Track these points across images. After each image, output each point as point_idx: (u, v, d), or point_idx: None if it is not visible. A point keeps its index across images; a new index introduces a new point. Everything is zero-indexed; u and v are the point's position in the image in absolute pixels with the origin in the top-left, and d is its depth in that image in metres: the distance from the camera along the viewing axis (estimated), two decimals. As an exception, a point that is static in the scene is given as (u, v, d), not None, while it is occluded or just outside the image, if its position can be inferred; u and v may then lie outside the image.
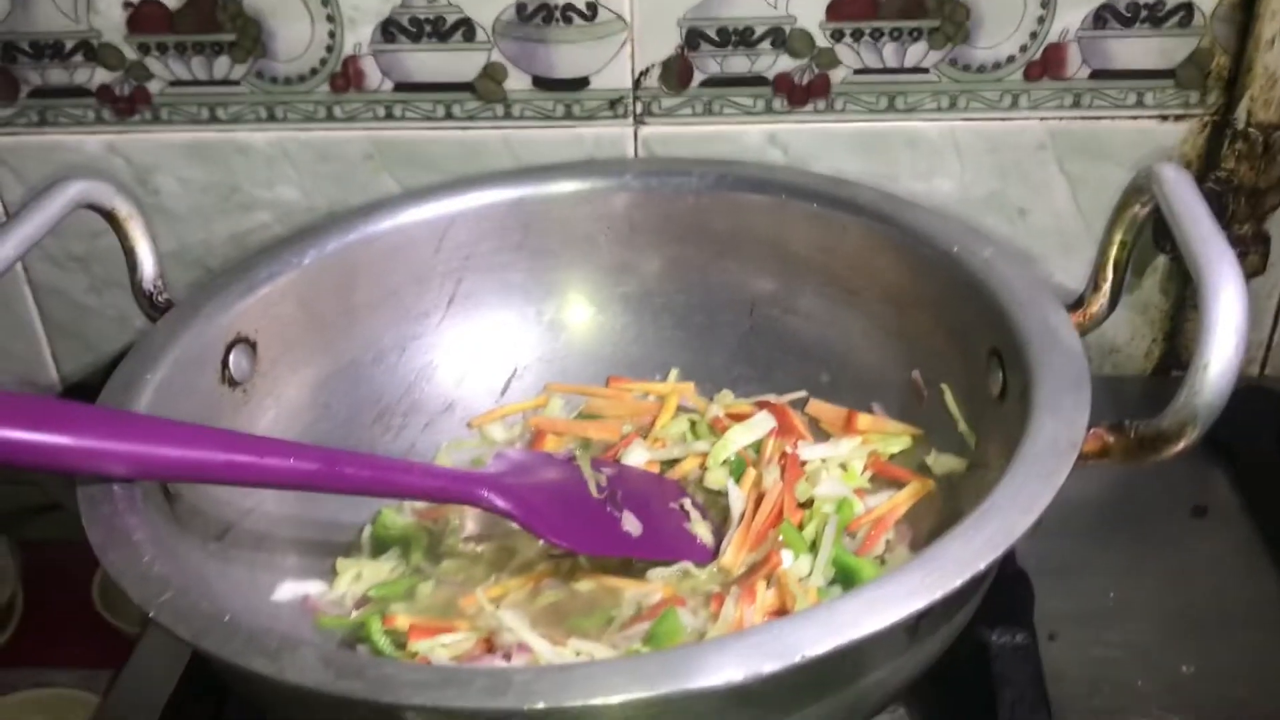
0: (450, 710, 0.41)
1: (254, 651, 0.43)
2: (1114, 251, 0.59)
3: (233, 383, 0.65)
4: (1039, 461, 0.49)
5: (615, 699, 0.41)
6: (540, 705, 0.40)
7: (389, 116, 0.81)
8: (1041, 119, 0.78)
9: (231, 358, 0.65)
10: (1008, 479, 0.48)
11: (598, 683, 0.41)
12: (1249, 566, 0.70)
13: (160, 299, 0.66)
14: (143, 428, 0.53)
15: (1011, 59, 0.76)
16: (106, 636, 0.90)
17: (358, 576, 0.65)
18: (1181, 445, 0.48)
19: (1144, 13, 0.74)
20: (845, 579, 0.61)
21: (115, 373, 0.60)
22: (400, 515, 0.69)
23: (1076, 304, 0.61)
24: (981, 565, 0.45)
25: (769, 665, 0.41)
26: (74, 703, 0.85)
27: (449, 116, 0.80)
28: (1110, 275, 0.59)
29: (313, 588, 0.64)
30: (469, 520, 0.68)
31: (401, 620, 0.60)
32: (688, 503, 0.67)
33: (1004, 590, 0.62)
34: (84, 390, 0.93)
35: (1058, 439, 0.50)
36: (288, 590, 0.63)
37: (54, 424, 0.50)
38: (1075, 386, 0.53)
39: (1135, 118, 0.78)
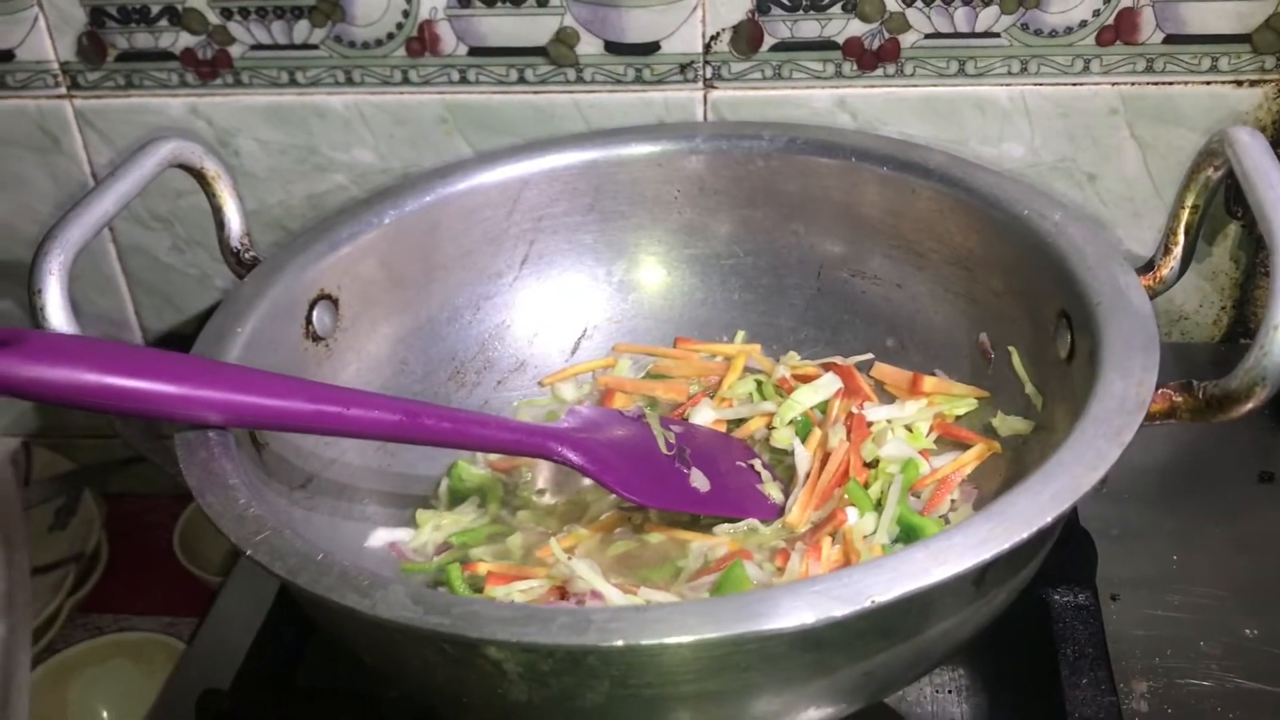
0: (533, 645, 0.43)
1: (347, 588, 0.45)
2: (1186, 215, 0.59)
3: (316, 338, 0.67)
4: (1107, 420, 0.50)
5: (689, 638, 0.42)
6: (619, 643, 0.42)
7: (463, 80, 0.82)
8: (1113, 84, 0.78)
9: (315, 313, 0.67)
10: (1075, 436, 0.49)
11: (674, 623, 0.43)
12: (1315, 533, 0.71)
13: (246, 256, 0.68)
14: (236, 377, 0.55)
15: (1084, 23, 0.76)
16: (186, 584, 0.93)
17: (438, 526, 0.67)
18: (1250, 405, 0.48)
19: (1221, -25, 0.74)
20: (909, 537, 0.62)
21: (206, 326, 0.62)
22: (475, 467, 0.71)
23: (1146, 267, 0.61)
24: (1048, 519, 0.46)
25: (839, 610, 0.42)
26: (156, 646, 0.88)
27: (521, 80, 0.82)
28: (1181, 239, 0.60)
29: (399, 535, 0.66)
30: (541, 473, 0.70)
31: (483, 566, 0.63)
32: (758, 463, 0.69)
33: (1067, 550, 0.63)
34: (168, 343, 0.96)
35: (1126, 398, 0.51)
36: (379, 538, 0.65)
37: (153, 372, 0.52)
38: (1145, 348, 0.53)
39: (1209, 83, 0.77)
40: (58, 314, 0.57)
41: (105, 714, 0.87)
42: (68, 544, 0.94)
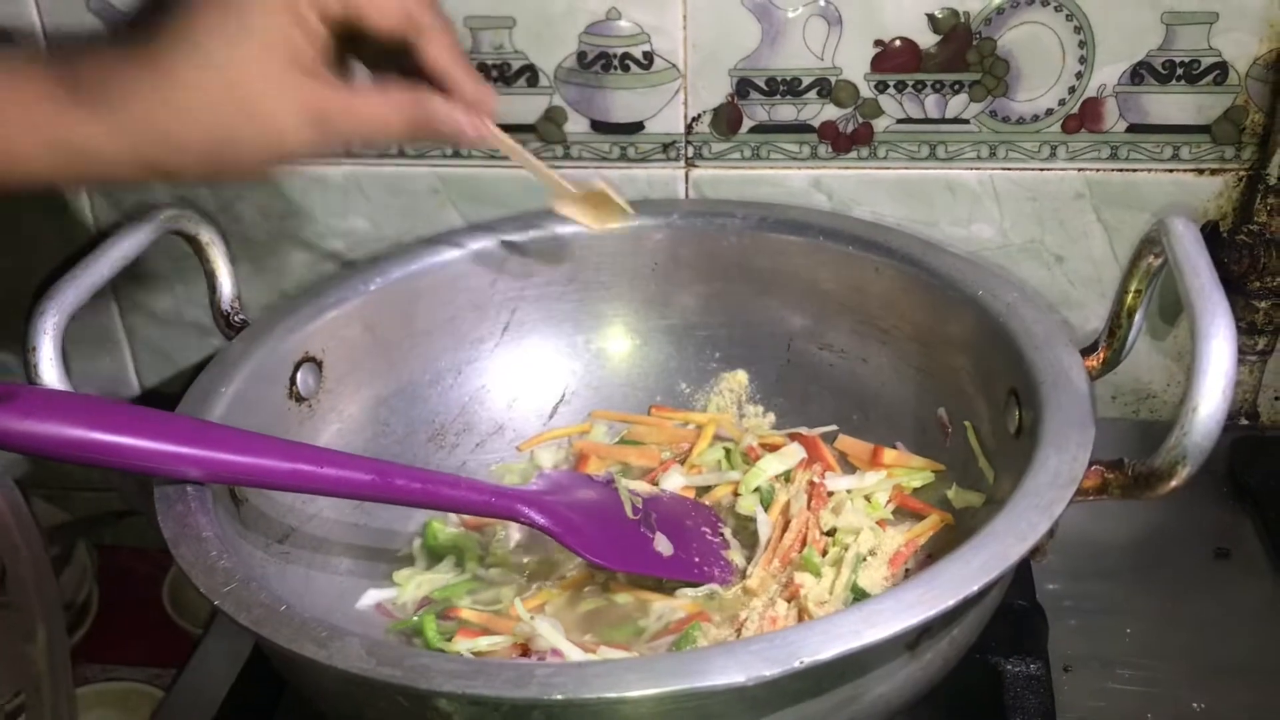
0: (479, 698, 0.45)
1: (306, 639, 0.48)
2: (1129, 299, 0.62)
3: (299, 398, 0.70)
4: (1039, 493, 0.52)
5: (629, 694, 0.44)
6: (558, 696, 0.44)
7: (455, 155, 0.85)
8: (1079, 169, 0.81)
9: (299, 375, 0.70)
10: (1009, 508, 0.52)
11: (613, 679, 0.45)
12: (1268, 610, 0.72)
13: (236, 319, 0.71)
14: (216, 436, 0.58)
15: (1050, 111, 0.79)
16: (174, 637, 0.95)
17: (420, 584, 0.69)
18: (1174, 483, 0.50)
19: (1180, 70, 0.77)
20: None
21: (193, 385, 0.65)
22: (447, 526, 0.73)
23: (1091, 348, 0.64)
24: (975, 587, 0.48)
25: (769, 670, 0.44)
26: (141, 696, 0.90)
27: (511, 156, 0.85)
28: (1124, 322, 0.62)
29: (386, 594, 0.69)
30: (514, 530, 0.72)
31: (467, 613, 0.66)
32: (728, 532, 0.71)
33: (1019, 620, 0.65)
34: (161, 398, 0.98)
35: (1059, 473, 0.53)
36: (370, 598, 0.68)
37: (137, 429, 0.55)
38: (1080, 425, 0.56)
39: (1171, 170, 0.80)
40: (50, 371, 0.60)
41: (88, 762, 0.89)
42: (59, 594, 0.96)
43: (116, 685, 0.91)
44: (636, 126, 0.83)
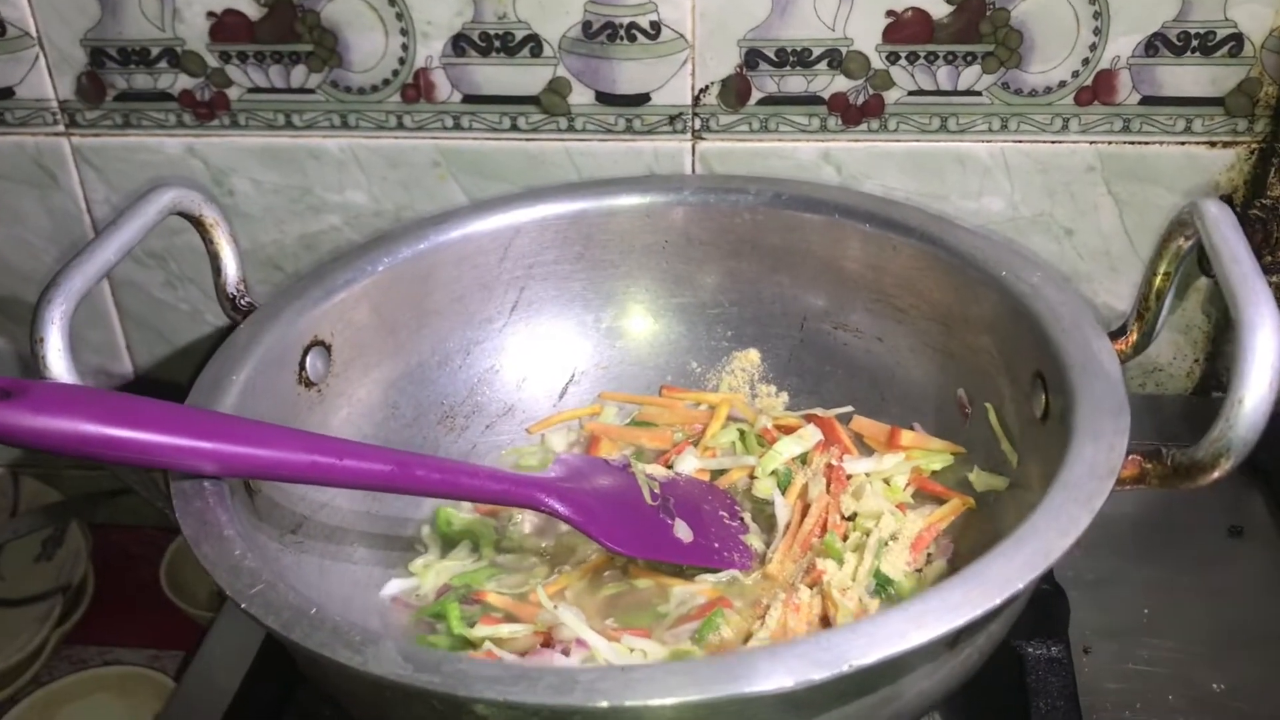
0: (520, 705, 0.44)
1: (339, 643, 0.46)
2: (1158, 282, 0.61)
3: (309, 383, 0.68)
4: (1078, 486, 0.51)
5: (672, 700, 0.44)
6: (604, 704, 0.43)
7: (456, 127, 0.84)
8: (1091, 143, 0.80)
9: (308, 360, 0.68)
10: (1047, 502, 0.51)
11: (657, 684, 0.44)
12: (1282, 587, 0.72)
13: (243, 302, 0.70)
14: (232, 429, 0.56)
15: (1063, 84, 0.78)
16: (172, 617, 0.94)
17: (439, 573, 0.68)
18: (1216, 475, 0.50)
19: (1195, 42, 0.76)
20: (884, 590, 0.64)
21: (203, 373, 0.63)
22: (460, 512, 0.72)
23: (1119, 331, 0.63)
24: (1020, 585, 0.47)
25: (817, 674, 0.44)
26: (140, 680, 0.89)
27: (514, 128, 0.83)
28: (1153, 305, 0.61)
29: (407, 584, 0.68)
30: (528, 516, 0.71)
31: (493, 596, 0.65)
32: (747, 516, 0.70)
33: (1041, 604, 0.65)
34: (158, 377, 0.97)
35: (1096, 464, 0.52)
36: (392, 588, 0.68)
37: (152, 423, 0.53)
38: (1115, 413, 0.55)
39: (1183, 143, 0.79)
40: (59, 362, 0.58)
41: (89, 749, 0.88)
42: (54, 575, 0.95)
43: (115, 670, 0.90)
44: (643, 98, 0.81)
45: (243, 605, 0.49)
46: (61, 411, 0.51)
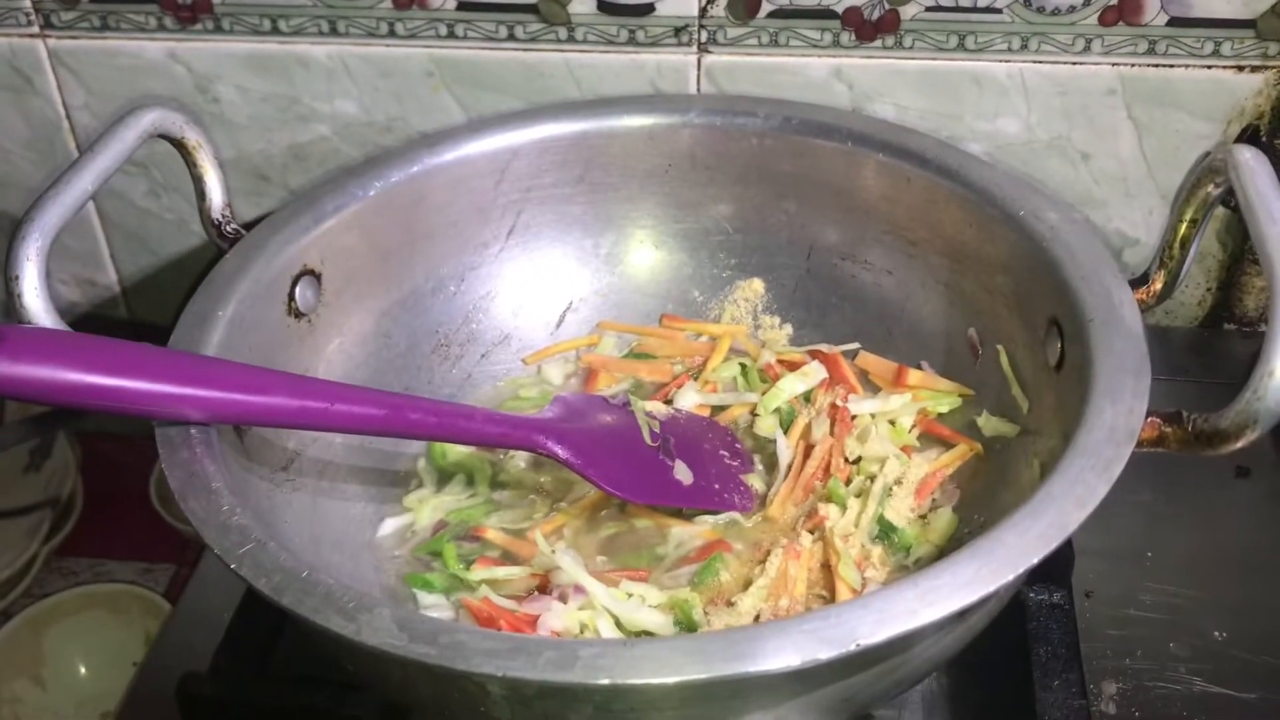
0: (519, 680, 0.43)
1: (331, 610, 0.45)
2: (1183, 229, 0.58)
3: (299, 314, 0.66)
4: (1096, 452, 0.50)
5: (674, 679, 0.42)
6: (604, 681, 0.42)
7: (451, 35, 0.80)
8: (1113, 64, 0.77)
9: (298, 290, 0.66)
10: (1063, 468, 0.49)
11: (660, 661, 0.43)
12: (1288, 530, 0.71)
13: (229, 229, 0.67)
14: (219, 374, 0.54)
15: (1087, 2, 0.75)
16: (162, 530, 0.93)
17: (434, 509, 0.67)
18: (1239, 444, 0.48)
19: (1228, -41, 0.72)
20: (887, 537, 0.63)
21: (188, 308, 0.61)
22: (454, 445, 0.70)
23: (1141, 279, 0.60)
24: (1035, 559, 0.46)
25: (824, 652, 0.43)
26: (131, 597, 0.89)
27: (511, 37, 0.80)
28: (1177, 253, 0.59)
29: (402, 521, 0.67)
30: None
31: (493, 534, 0.64)
32: (744, 452, 0.69)
33: (1045, 550, 0.64)
34: (142, 288, 0.94)
35: (1115, 428, 0.51)
36: (388, 527, 0.66)
37: (136, 369, 0.51)
38: (1136, 372, 0.53)
39: (1210, 67, 0.76)
40: (35, 301, 0.55)
41: (81, 665, 0.88)
42: (43, 487, 0.94)
43: (107, 587, 0.89)
44: (647, 8, 0.78)
45: (232, 566, 0.47)
46: (41, 359, 0.49)
